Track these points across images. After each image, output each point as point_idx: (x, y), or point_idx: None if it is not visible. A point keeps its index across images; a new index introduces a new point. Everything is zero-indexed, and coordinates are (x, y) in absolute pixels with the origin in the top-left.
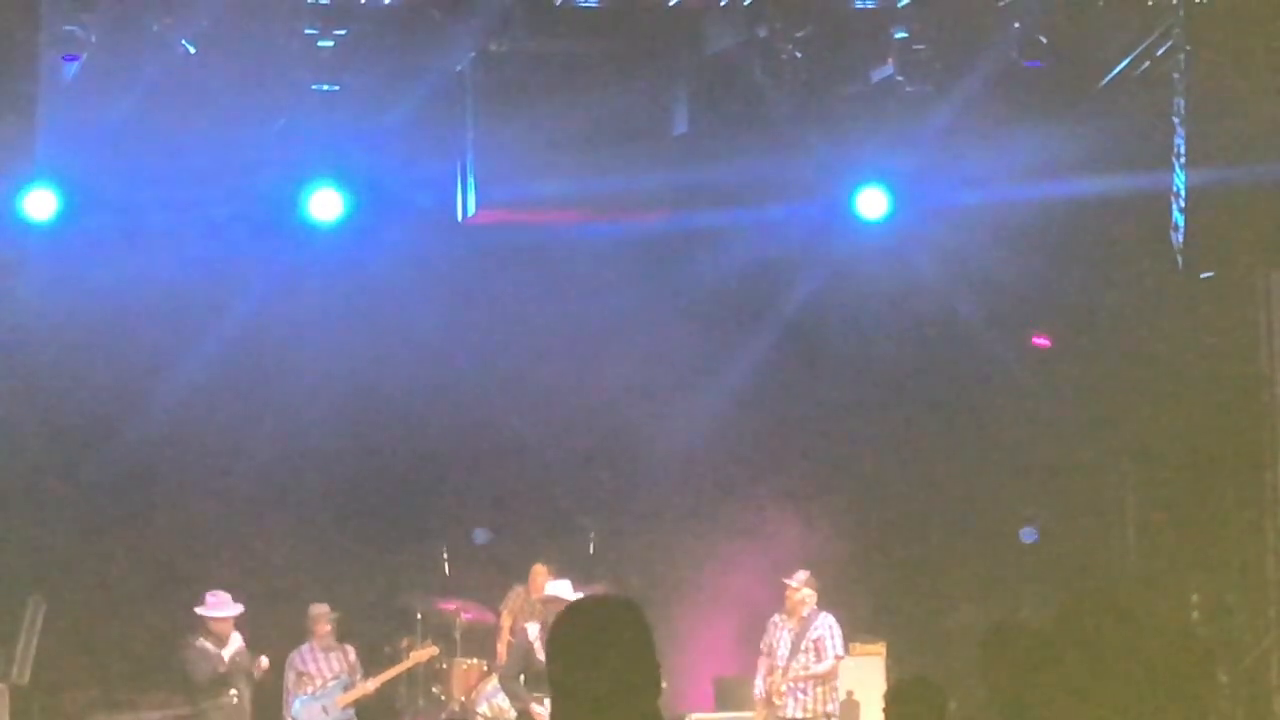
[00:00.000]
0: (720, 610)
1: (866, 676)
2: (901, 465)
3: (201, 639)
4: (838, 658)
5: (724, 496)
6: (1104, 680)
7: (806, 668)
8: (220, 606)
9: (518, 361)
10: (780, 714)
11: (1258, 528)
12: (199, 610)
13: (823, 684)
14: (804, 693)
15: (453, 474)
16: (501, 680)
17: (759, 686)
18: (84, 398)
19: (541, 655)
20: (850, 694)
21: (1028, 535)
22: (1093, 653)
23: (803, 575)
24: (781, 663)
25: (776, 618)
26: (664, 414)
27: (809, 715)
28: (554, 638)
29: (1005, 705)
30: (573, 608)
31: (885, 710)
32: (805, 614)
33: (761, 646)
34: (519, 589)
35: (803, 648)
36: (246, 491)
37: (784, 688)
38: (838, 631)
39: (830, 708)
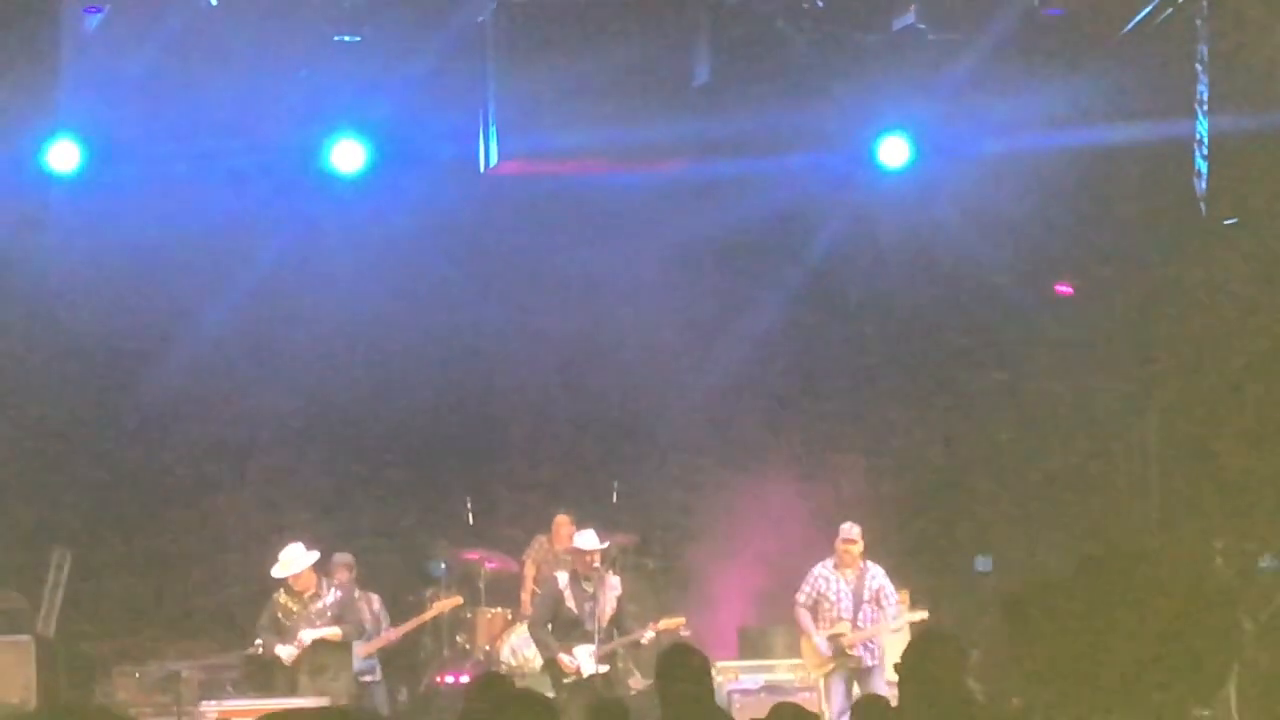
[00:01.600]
0: (743, 561)
1: None
2: (923, 414)
3: (279, 592)
4: (910, 605)
5: (747, 446)
6: (1127, 629)
7: (877, 620)
8: (283, 565)
9: (540, 310)
10: (852, 665)
11: None
12: (274, 572)
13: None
14: (874, 640)
15: (476, 424)
16: (530, 629)
17: (822, 643)
18: (107, 348)
19: (571, 604)
20: None
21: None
22: (1116, 601)
23: (856, 529)
24: (847, 615)
25: (825, 571)
26: (686, 363)
27: (879, 663)
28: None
29: (1027, 655)
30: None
31: (906, 662)
32: (861, 565)
33: (803, 599)
34: (541, 539)
35: (866, 598)
36: (270, 442)
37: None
38: (888, 580)
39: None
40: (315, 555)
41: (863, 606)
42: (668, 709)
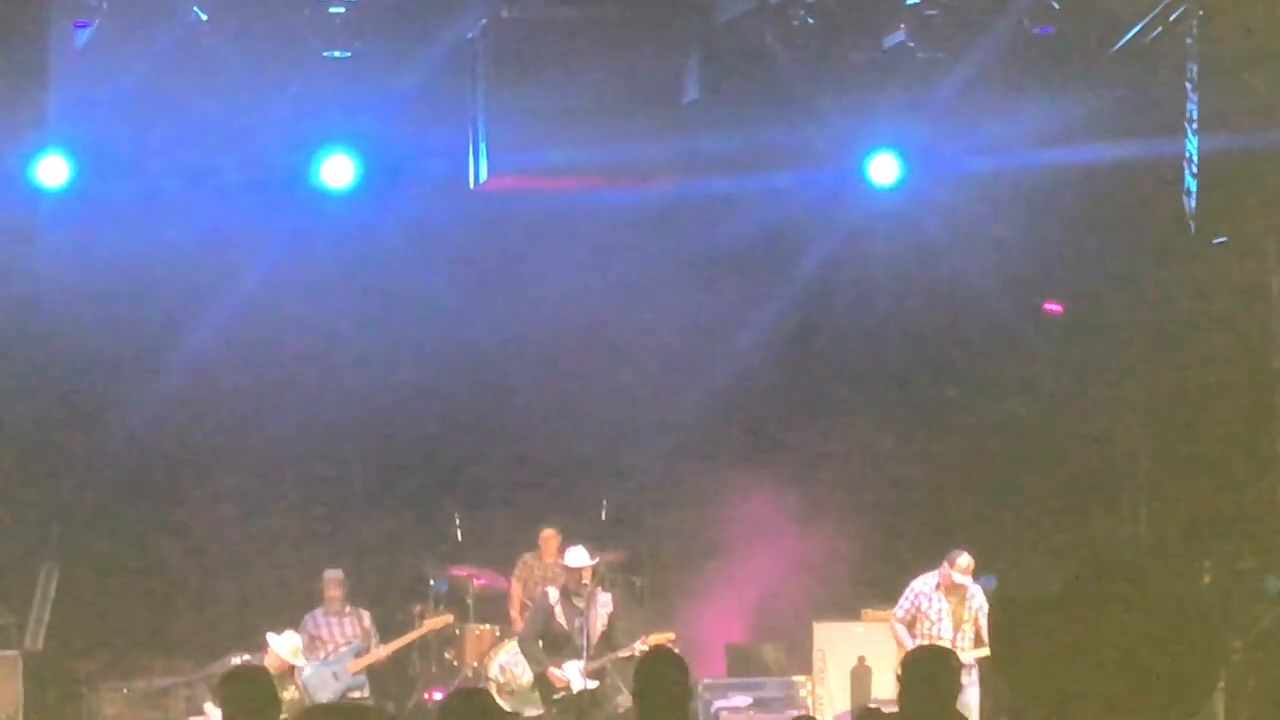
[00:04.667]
0: (732, 577)
1: (879, 643)
2: (912, 431)
3: (248, 655)
4: None
5: (736, 462)
6: (1113, 648)
7: (978, 641)
8: (279, 646)
9: (529, 328)
10: None
11: (1270, 493)
12: (269, 635)
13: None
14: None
15: (465, 441)
16: (520, 644)
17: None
18: (96, 364)
19: (561, 620)
20: (862, 660)
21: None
22: (1102, 620)
23: (973, 563)
24: (946, 635)
25: (926, 588)
26: (675, 380)
27: (975, 682)
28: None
29: (1013, 673)
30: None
31: (901, 677)
32: (966, 588)
33: (901, 614)
34: (527, 556)
35: (966, 619)
36: (260, 458)
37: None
38: (986, 601)
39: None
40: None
41: (962, 627)
42: (643, 708)
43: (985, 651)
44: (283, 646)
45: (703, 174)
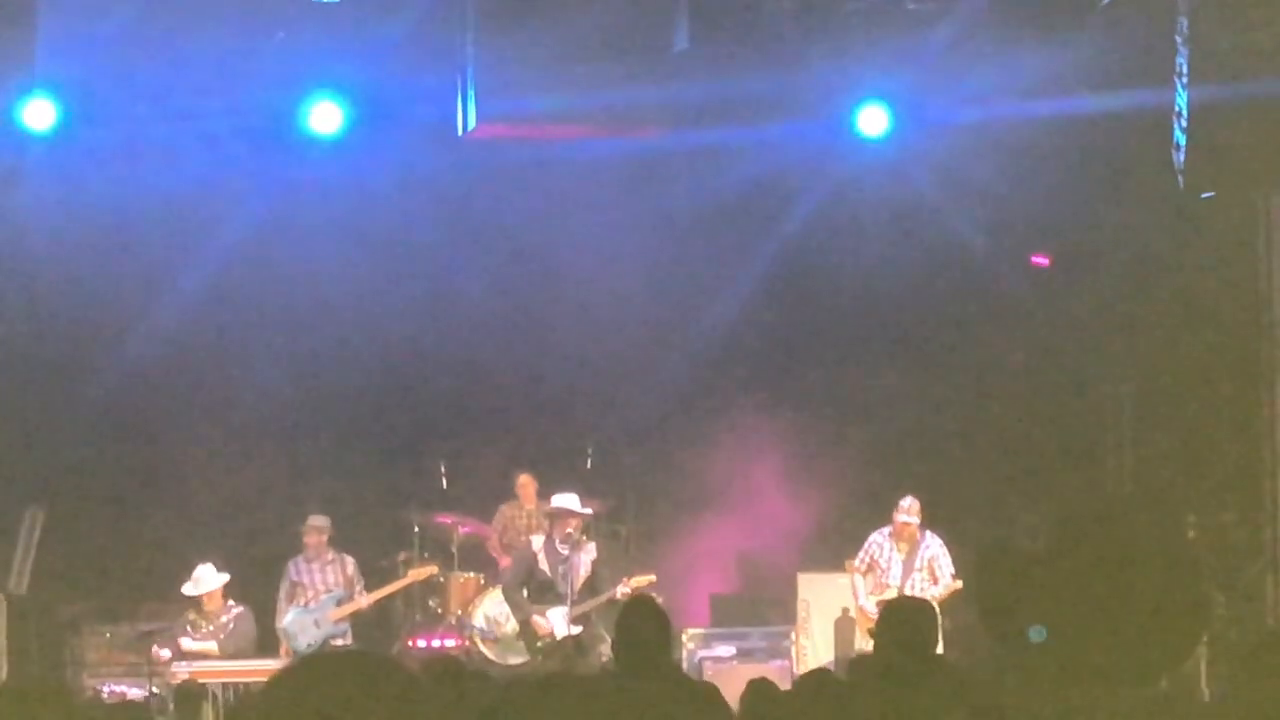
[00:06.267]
0: (716, 528)
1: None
2: (899, 383)
3: (190, 611)
4: (953, 576)
5: (722, 414)
6: (1098, 600)
7: (926, 589)
8: (194, 584)
9: (515, 275)
10: None
11: (1254, 447)
12: (185, 590)
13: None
14: None
15: (451, 388)
16: (504, 592)
17: (868, 605)
18: (82, 309)
19: (545, 566)
20: (845, 611)
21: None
22: (1087, 573)
23: (916, 505)
24: (895, 582)
25: (880, 538)
26: (663, 330)
27: None
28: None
29: (998, 625)
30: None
31: (879, 627)
32: (917, 536)
33: (858, 564)
34: (504, 507)
35: (917, 567)
36: (245, 404)
37: None
38: (946, 551)
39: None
40: (225, 577)
41: (913, 575)
42: (622, 657)
43: (938, 591)
44: (212, 582)
45: (691, 124)
